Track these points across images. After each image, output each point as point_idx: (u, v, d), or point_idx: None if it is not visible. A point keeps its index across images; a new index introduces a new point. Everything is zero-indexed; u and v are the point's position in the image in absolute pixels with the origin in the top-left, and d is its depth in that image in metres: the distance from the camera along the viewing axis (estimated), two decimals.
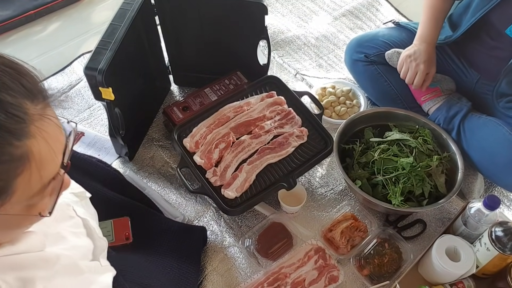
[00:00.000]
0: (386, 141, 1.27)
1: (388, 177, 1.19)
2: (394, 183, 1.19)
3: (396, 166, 1.20)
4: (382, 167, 1.21)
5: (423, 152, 1.23)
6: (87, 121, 1.50)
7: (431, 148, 1.26)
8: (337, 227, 1.19)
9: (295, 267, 1.14)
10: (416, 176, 1.18)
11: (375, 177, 1.22)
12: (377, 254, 1.14)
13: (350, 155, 1.30)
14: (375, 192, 1.21)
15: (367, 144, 1.30)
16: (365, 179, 1.22)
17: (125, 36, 1.15)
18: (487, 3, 1.17)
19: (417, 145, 1.24)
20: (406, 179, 1.18)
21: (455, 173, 1.23)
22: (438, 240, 1.07)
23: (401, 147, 1.25)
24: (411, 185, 1.18)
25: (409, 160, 1.19)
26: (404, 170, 1.18)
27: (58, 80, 1.62)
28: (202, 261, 1.16)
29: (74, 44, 1.77)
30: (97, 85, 1.10)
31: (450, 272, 1.04)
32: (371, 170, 1.24)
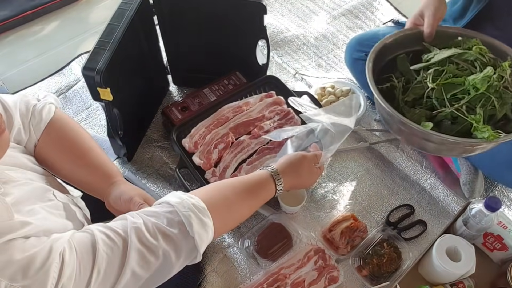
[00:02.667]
0: (434, 64, 1.01)
1: (459, 105, 0.92)
2: (467, 112, 0.93)
3: (465, 88, 0.94)
4: (446, 96, 0.95)
5: (487, 64, 0.98)
6: (85, 122, 1.49)
7: (493, 57, 1.02)
8: (337, 227, 1.19)
9: (294, 267, 1.14)
10: (495, 93, 0.93)
11: (438, 113, 0.96)
12: (375, 254, 1.14)
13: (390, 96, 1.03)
14: (443, 131, 0.96)
15: (405, 77, 1.06)
16: (425, 119, 0.98)
17: (124, 36, 1.15)
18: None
19: (479, 56, 0.98)
20: (484, 101, 0.92)
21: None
22: (439, 240, 1.07)
23: (457, 65, 0.98)
24: (492, 108, 0.93)
25: (486, 74, 0.91)
26: (479, 90, 0.92)
27: (56, 80, 1.61)
28: (201, 262, 1.16)
29: (72, 44, 1.77)
30: (95, 85, 1.09)
31: (451, 272, 1.03)
32: (426, 106, 0.99)
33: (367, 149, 1.40)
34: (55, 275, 0.58)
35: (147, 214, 0.70)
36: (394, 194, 1.31)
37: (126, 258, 0.64)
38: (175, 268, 0.70)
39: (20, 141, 0.82)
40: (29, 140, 0.83)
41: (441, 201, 1.28)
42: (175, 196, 0.73)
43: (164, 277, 0.70)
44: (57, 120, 0.86)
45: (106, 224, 0.67)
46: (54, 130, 0.85)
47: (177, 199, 0.72)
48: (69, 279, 0.59)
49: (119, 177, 0.89)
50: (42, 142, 0.84)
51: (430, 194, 1.30)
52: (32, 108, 0.83)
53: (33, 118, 0.83)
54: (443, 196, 1.29)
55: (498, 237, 1.10)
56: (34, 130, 0.83)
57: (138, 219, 0.68)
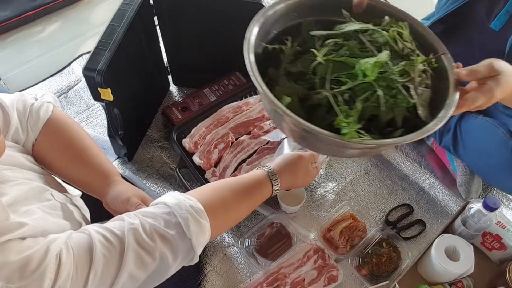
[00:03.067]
0: (339, 35, 0.80)
1: (339, 91, 0.72)
2: (348, 102, 0.73)
3: (353, 73, 0.73)
4: (330, 75, 0.74)
5: (398, 53, 0.78)
6: (86, 122, 1.50)
7: (411, 47, 0.80)
8: (336, 227, 1.19)
9: (294, 267, 1.14)
10: (387, 88, 0.73)
11: (317, 93, 0.74)
12: (374, 254, 1.15)
13: (276, 63, 0.82)
14: (314, 118, 0.73)
15: (304, 44, 0.83)
16: (297, 98, 0.76)
17: (124, 37, 1.15)
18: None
19: (390, 40, 0.78)
20: (369, 95, 0.72)
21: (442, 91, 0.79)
22: (438, 240, 1.07)
23: (363, 45, 0.77)
24: (375, 105, 0.73)
25: (379, 59, 0.71)
26: (366, 77, 0.72)
27: (57, 80, 1.62)
28: (201, 261, 1.16)
29: (73, 44, 1.77)
30: (96, 85, 1.10)
31: (449, 271, 1.04)
32: (309, 84, 0.77)
33: None
34: (52, 276, 0.58)
35: (144, 215, 0.70)
36: (393, 193, 1.31)
37: (123, 259, 0.64)
38: (171, 269, 0.70)
39: (18, 140, 0.82)
40: (27, 139, 0.83)
41: (440, 201, 1.28)
42: (173, 197, 0.73)
43: (161, 278, 0.70)
44: (55, 119, 0.86)
45: (103, 225, 0.67)
46: (51, 129, 0.85)
47: (175, 200, 0.72)
48: (66, 280, 0.59)
49: (117, 176, 0.90)
50: (40, 141, 0.84)
51: (429, 194, 1.30)
52: (29, 107, 0.83)
53: (31, 117, 0.83)
54: (442, 196, 1.29)
55: (496, 237, 1.11)
56: (31, 129, 0.83)
57: (135, 220, 0.68)
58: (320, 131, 0.69)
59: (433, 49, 0.85)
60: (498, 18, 1.12)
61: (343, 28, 0.81)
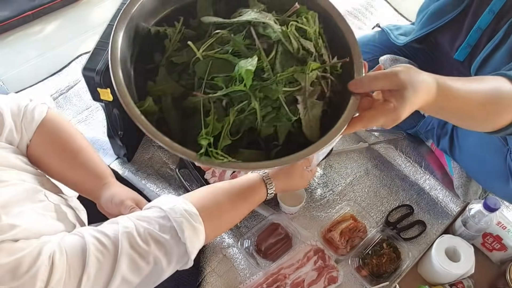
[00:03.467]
0: (231, 24, 0.68)
1: (213, 97, 0.63)
2: (226, 108, 0.64)
3: (232, 75, 0.63)
4: (206, 76, 0.64)
5: (292, 54, 0.67)
6: (85, 122, 1.49)
7: (308, 48, 0.68)
8: (336, 227, 1.19)
9: (294, 267, 1.14)
10: (265, 100, 0.63)
11: (193, 95, 0.65)
12: (375, 254, 1.14)
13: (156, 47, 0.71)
14: (188, 129, 0.65)
15: (199, 28, 0.72)
16: (171, 98, 0.67)
17: None
18: (433, 22, 1.16)
19: (283, 38, 0.66)
20: (245, 105, 0.63)
21: (342, 103, 0.67)
22: (438, 240, 1.07)
23: (253, 41, 0.66)
24: (252, 117, 0.64)
25: (251, 64, 0.60)
26: (241, 84, 0.62)
27: (56, 81, 1.61)
28: (200, 262, 1.16)
29: (72, 44, 1.77)
30: (95, 86, 1.10)
31: (450, 272, 1.04)
32: (191, 81, 0.67)
33: (366, 149, 1.40)
34: (44, 278, 0.58)
35: (139, 218, 0.69)
36: (393, 194, 1.31)
37: (116, 263, 0.64)
38: (165, 274, 0.70)
39: (12, 141, 0.82)
40: (21, 140, 0.83)
41: (440, 202, 1.28)
42: (167, 201, 0.73)
43: (155, 282, 0.70)
44: (49, 120, 0.86)
45: (97, 228, 0.67)
46: (46, 130, 0.85)
47: (169, 204, 0.72)
48: (58, 283, 0.59)
49: (111, 178, 0.89)
50: (34, 142, 0.84)
51: (429, 195, 1.30)
52: (24, 108, 0.83)
53: (25, 118, 0.82)
54: (442, 196, 1.29)
55: (497, 237, 1.11)
56: (26, 130, 0.83)
57: (129, 224, 0.68)
58: (174, 148, 0.60)
59: (347, 49, 0.72)
60: (461, 51, 1.13)
61: (242, 14, 0.69)
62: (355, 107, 0.65)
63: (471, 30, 1.08)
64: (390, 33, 1.36)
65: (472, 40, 1.09)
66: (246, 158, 0.64)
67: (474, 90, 0.72)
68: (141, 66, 0.69)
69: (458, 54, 1.14)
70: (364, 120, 0.65)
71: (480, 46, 1.08)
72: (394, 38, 1.33)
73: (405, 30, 1.36)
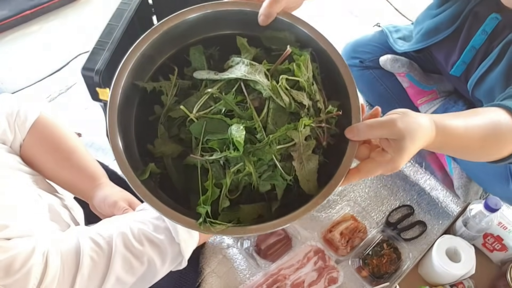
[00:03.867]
0: (220, 81, 0.68)
1: (209, 158, 0.64)
2: (224, 167, 0.65)
3: (226, 138, 0.64)
4: (202, 138, 0.65)
5: (285, 109, 0.66)
6: (84, 122, 1.49)
7: (301, 100, 0.66)
8: (336, 228, 1.19)
9: (294, 268, 1.14)
10: (260, 161, 0.64)
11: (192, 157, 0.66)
12: (375, 255, 1.14)
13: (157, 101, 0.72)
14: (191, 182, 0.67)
15: (195, 78, 0.71)
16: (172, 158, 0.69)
17: (123, 36, 1.15)
18: (428, 38, 1.17)
19: (274, 95, 0.65)
20: (241, 166, 0.64)
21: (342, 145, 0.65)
22: (439, 241, 1.07)
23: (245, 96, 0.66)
24: (249, 177, 0.65)
25: (240, 134, 0.61)
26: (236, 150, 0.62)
27: (55, 80, 1.61)
28: (200, 263, 1.16)
29: (71, 44, 1.76)
30: (95, 85, 1.09)
31: (450, 272, 1.03)
32: (190, 135, 0.68)
33: None
34: (38, 276, 0.58)
35: (133, 219, 0.69)
36: (393, 194, 1.30)
37: (110, 263, 0.64)
38: (160, 274, 0.70)
39: (5, 141, 0.82)
40: (14, 140, 0.83)
41: (440, 202, 1.28)
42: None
43: (149, 282, 0.70)
44: (42, 120, 0.86)
45: (91, 228, 0.67)
46: (39, 130, 0.85)
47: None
48: (52, 281, 0.59)
49: (104, 179, 0.89)
50: (27, 142, 0.84)
51: (429, 195, 1.29)
52: (17, 109, 0.83)
53: (18, 118, 0.83)
54: (442, 197, 1.29)
55: (498, 238, 1.10)
56: (19, 130, 0.83)
57: (124, 224, 0.68)
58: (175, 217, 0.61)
59: (344, 89, 0.69)
60: (456, 68, 1.14)
61: (233, 64, 0.70)
62: (352, 157, 0.64)
63: (465, 49, 1.09)
64: (389, 35, 1.36)
65: (467, 58, 1.10)
66: (247, 213, 0.65)
67: (473, 126, 0.71)
68: (143, 117, 0.70)
69: (454, 71, 1.14)
70: (361, 173, 0.63)
71: (475, 64, 1.09)
72: (392, 42, 1.33)
73: (404, 34, 1.36)
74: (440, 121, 0.66)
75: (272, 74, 0.69)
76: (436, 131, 0.64)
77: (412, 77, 1.33)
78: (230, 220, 0.63)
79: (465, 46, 1.10)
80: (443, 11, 1.14)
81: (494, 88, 1.03)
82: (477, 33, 1.06)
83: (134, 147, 0.69)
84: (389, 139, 0.61)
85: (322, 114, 0.68)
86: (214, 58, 0.75)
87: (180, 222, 0.61)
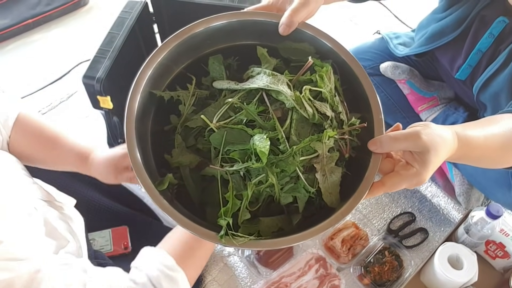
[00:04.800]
0: (241, 91, 0.67)
1: (230, 169, 0.63)
2: (244, 179, 0.65)
3: (247, 148, 0.63)
4: (222, 147, 0.64)
5: (308, 120, 0.65)
6: (85, 130, 1.49)
7: (324, 112, 0.66)
8: (337, 235, 1.18)
9: (295, 276, 1.13)
10: (283, 173, 0.63)
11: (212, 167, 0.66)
12: (377, 262, 1.14)
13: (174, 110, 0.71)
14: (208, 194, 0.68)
15: (212, 88, 0.72)
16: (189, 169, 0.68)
17: (124, 45, 1.15)
18: (432, 42, 1.16)
19: (297, 106, 0.64)
20: (263, 178, 0.63)
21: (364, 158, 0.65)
22: (440, 248, 1.06)
23: (266, 107, 0.66)
24: (270, 189, 0.64)
25: (264, 145, 0.60)
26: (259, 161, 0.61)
27: (56, 88, 1.62)
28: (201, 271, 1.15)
29: (72, 52, 1.77)
30: (95, 93, 1.09)
31: (453, 280, 1.03)
32: (207, 145, 0.67)
33: None
34: None
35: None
36: (395, 201, 1.30)
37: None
38: None
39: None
40: (3, 139, 0.84)
41: (442, 209, 1.27)
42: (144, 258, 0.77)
43: None
44: (23, 115, 0.87)
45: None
46: (22, 124, 0.87)
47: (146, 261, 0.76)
48: None
49: (93, 153, 0.90)
50: (13, 138, 0.86)
51: (431, 202, 1.29)
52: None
53: (0, 116, 0.84)
54: (444, 203, 1.28)
55: (500, 245, 1.10)
56: (3, 128, 0.84)
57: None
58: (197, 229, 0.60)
59: (365, 100, 0.69)
60: (462, 71, 1.13)
61: (254, 74, 0.69)
62: (376, 170, 0.64)
63: (472, 52, 1.09)
64: (389, 41, 1.37)
65: (473, 61, 1.10)
66: (268, 226, 0.64)
67: (492, 135, 0.71)
68: (159, 127, 0.70)
69: (460, 74, 1.14)
70: (386, 186, 0.62)
71: (481, 68, 1.09)
72: (393, 48, 1.33)
73: (404, 40, 1.36)
74: (462, 132, 0.66)
75: (294, 85, 0.68)
76: (458, 142, 0.65)
77: (413, 83, 1.33)
78: (250, 233, 0.62)
79: (471, 49, 1.09)
80: (449, 15, 1.14)
81: (500, 92, 1.02)
82: (484, 36, 1.06)
83: (151, 158, 0.68)
84: (413, 152, 0.60)
85: (345, 126, 0.68)
86: (232, 68, 0.75)
87: (201, 234, 0.60)
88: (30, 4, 1.84)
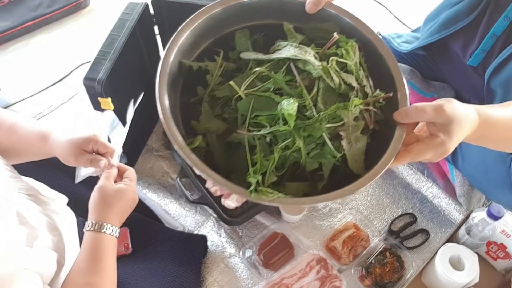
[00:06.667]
0: (270, 61, 0.70)
1: (257, 134, 0.65)
2: (270, 145, 0.65)
3: (275, 114, 0.64)
4: (250, 114, 0.66)
5: (334, 90, 0.67)
6: None
7: (350, 82, 0.68)
8: (338, 236, 1.18)
9: (296, 277, 1.13)
10: (309, 138, 0.64)
11: (239, 132, 0.67)
12: (378, 264, 1.14)
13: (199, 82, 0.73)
14: (233, 161, 0.68)
15: (239, 61, 0.74)
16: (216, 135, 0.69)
17: (124, 46, 1.15)
18: (445, 29, 1.15)
19: (324, 75, 0.66)
20: (290, 142, 0.64)
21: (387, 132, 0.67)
22: (442, 249, 1.06)
23: (293, 76, 0.68)
24: (297, 154, 0.65)
25: (292, 107, 0.62)
26: (286, 125, 0.62)
27: (57, 90, 1.62)
28: (202, 272, 1.15)
29: (73, 54, 1.77)
30: (96, 95, 1.10)
31: (454, 281, 1.03)
32: (234, 114, 0.69)
33: None
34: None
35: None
36: (396, 203, 1.30)
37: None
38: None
39: None
40: None
41: (443, 210, 1.27)
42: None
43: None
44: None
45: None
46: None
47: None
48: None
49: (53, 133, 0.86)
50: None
51: (432, 203, 1.29)
52: None
53: None
54: (445, 204, 1.28)
55: (501, 246, 1.10)
56: None
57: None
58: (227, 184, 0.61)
59: (390, 77, 0.71)
60: (475, 57, 1.12)
61: (281, 48, 0.70)
62: (401, 139, 0.65)
63: (486, 36, 1.08)
64: (392, 40, 1.36)
65: (487, 46, 1.09)
66: (293, 191, 0.65)
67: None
68: (186, 99, 0.71)
69: (472, 60, 1.13)
70: (412, 153, 0.64)
71: (494, 52, 1.08)
72: (396, 45, 1.33)
73: (406, 39, 1.36)
74: (483, 110, 0.67)
75: (320, 57, 0.69)
76: (479, 120, 0.66)
77: (414, 84, 1.33)
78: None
79: (485, 34, 1.08)
80: (462, 0, 1.13)
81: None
82: (499, 19, 1.04)
83: (181, 126, 0.69)
84: (436, 124, 0.62)
85: (370, 98, 0.69)
86: (258, 44, 0.76)
87: (232, 189, 0.61)
88: (31, 6, 1.84)
